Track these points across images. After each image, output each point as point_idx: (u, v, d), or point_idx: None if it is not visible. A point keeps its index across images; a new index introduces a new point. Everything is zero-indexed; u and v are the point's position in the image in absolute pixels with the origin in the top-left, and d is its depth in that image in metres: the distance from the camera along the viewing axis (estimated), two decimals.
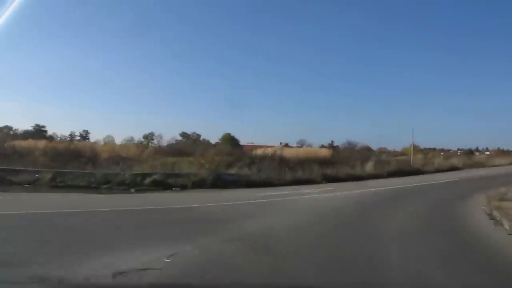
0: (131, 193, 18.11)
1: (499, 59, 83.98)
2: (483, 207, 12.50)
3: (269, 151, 32.29)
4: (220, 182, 21.69)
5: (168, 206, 13.23)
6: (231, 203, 14.31)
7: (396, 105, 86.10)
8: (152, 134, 45.82)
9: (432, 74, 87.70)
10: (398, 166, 29.63)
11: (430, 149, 63.02)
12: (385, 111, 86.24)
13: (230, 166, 26.03)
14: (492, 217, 10.54)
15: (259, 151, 35.01)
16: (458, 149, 76.86)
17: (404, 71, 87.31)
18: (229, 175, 23.77)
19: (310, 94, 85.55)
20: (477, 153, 73.15)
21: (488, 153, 73.29)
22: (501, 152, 70.99)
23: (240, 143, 49.96)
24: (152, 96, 77.36)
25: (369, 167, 27.90)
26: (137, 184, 19.54)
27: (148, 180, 20.00)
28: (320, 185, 22.25)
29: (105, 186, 19.01)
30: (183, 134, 53.83)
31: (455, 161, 36.02)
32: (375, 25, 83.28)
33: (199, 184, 20.95)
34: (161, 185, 19.80)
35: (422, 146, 54.19)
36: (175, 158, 30.01)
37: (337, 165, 29.46)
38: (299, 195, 16.85)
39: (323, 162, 31.40)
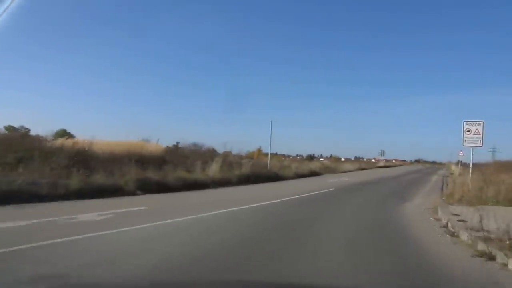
0: None
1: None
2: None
3: (61, 142, 20.36)
4: None
5: None
6: None
7: (241, 111, 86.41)
8: None
9: (272, 83, 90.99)
10: (252, 169, 21.85)
11: (272, 154, 60.96)
12: (231, 116, 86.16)
13: None
14: None
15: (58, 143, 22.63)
16: (297, 155, 78.08)
17: (247, 79, 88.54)
18: None
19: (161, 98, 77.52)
20: (314, 159, 74.65)
21: (322, 159, 75.89)
22: (335, 159, 74.62)
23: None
24: None
25: (214, 169, 19.23)
26: None
27: None
28: (128, 198, 12.22)
29: None
30: (9, 127, 37.08)
31: (312, 166, 31.01)
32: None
33: None
34: None
35: (264, 151, 51.22)
36: None
37: (168, 166, 19.87)
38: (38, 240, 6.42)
39: (152, 161, 21.47)
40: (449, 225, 7.68)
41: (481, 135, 13.70)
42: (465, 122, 14.05)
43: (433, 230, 7.59)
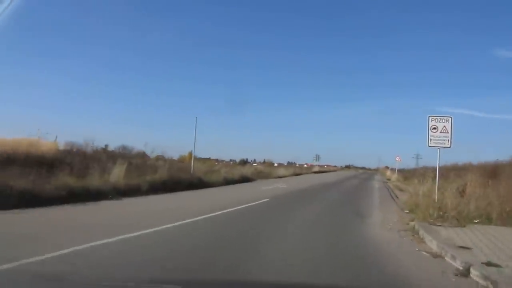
0: None
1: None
2: None
3: None
4: None
5: None
6: None
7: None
8: None
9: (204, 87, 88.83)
10: (170, 173, 17.67)
11: (205, 158, 57.93)
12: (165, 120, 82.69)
13: None
14: None
15: None
16: (231, 160, 74.96)
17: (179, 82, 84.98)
18: None
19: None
20: (247, 164, 72.07)
21: (256, 164, 73.55)
22: (269, 164, 72.64)
23: None
24: None
25: (117, 174, 14.85)
26: None
27: None
28: None
29: None
30: None
31: (244, 171, 27.74)
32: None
33: None
34: None
35: (198, 156, 47.85)
36: None
37: (57, 169, 14.99)
38: None
39: (40, 164, 16.33)
40: (473, 274, 4.42)
41: (450, 134, 11.14)
42: (430, 117, 11.45)
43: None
